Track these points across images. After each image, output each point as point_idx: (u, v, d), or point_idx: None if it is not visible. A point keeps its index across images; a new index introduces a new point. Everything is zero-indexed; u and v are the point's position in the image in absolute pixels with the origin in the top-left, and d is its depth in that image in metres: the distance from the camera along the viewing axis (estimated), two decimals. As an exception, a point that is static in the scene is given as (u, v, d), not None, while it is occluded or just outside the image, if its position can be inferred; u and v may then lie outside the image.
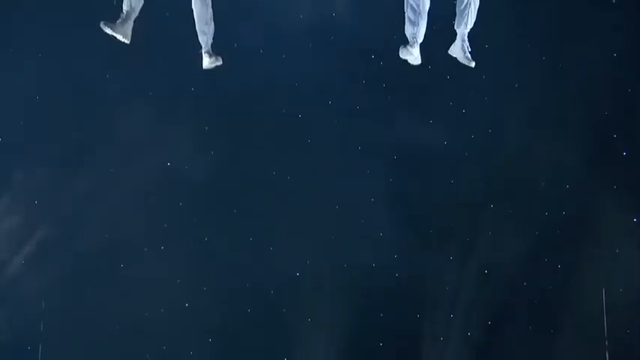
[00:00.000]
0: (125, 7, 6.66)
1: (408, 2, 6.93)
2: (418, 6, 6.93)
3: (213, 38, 7.07)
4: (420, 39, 6.88)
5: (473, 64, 6.88)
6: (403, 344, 8.24)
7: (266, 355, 8.25)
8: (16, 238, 8.29)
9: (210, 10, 6.95)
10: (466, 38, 6.93)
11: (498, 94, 7.90)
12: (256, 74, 8.24)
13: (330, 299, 8.26)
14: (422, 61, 6.91)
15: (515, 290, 8.14)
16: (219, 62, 7.00)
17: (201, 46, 7.07)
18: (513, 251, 8.13)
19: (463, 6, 6.89)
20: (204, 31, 6.95)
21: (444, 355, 8.29)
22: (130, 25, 6.74)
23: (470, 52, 6.91)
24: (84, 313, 8.05)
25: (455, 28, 6.84)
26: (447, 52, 7.00)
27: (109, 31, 6.66)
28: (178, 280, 8.10)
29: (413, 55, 6.91)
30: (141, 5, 6.75)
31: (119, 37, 6.72)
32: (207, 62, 7.03)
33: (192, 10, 6.93)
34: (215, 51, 6.95)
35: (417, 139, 8.19)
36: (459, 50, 6.91)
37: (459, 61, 6.98)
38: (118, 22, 6.69)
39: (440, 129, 8.27)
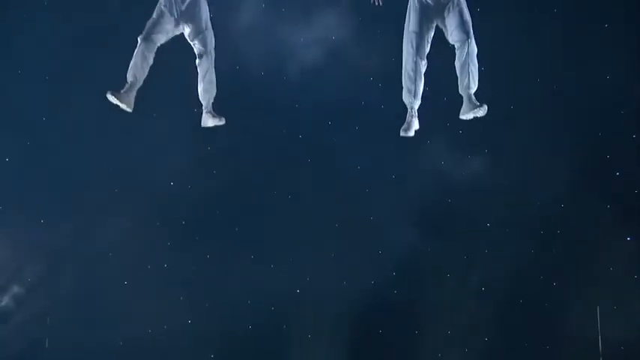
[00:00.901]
0: (130, 79, 6.99)
1: (405, 71, 7.08)
2: (414, 71, 7.05)
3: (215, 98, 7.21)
4: (418, 104, 7.08)
5: (485, 107, 6.93)
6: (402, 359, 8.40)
7: None
8: (21, 254, 8.29)
9: (213, 73, 7.21)
10: (472, 95, 6.99)
11: (495, 116, 7.64)
12: (257, 96, 8.33)
13: (330, 316, 8.32)
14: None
15: (512, 307, 8.19)
16: (222, 122, 7.21)
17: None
18: (510, 269, 8.19)
19: (461, 68, 7.03)
20: (207, 90, 7.23)
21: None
22: (133, 94, 7.03)
23: (478, 104, 6.99)
24: (89, 329, 8.11)
25: (460, 92, 6.98)
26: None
27: (113, 100, 6.94)
28: (181, 297, 8.21)
29: (413, 128, 7.12)
30: (144, 76, 7.11)
31: (123, 106, 6.98)
32: (209, 122, 7.28)
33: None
34: (216, 111, 7.20)
35: (416, 160, 8.21)
36: (469, 111, 6.98)
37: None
38: (122, 91, 6.96)
39: (436, 149, 8.28)
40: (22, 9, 8.43)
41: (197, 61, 7.31)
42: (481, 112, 6.92)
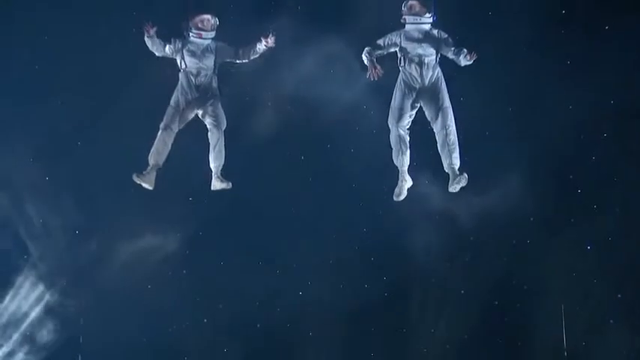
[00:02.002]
0: (151, 162, 7.53)
1: (397, 133, 7.42)
2: (399, 140, 7.40)
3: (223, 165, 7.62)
4: (407, 166, 7.47)
5: (465, 176, 7.26)
6: (391, 355, 8.62)
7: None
8: (60, 259, 8.54)
9: (223, 144, 7.64)
10: (457, 171, 7.33)
11: (468, 134, 7.84)
12: (266, 122, 8.53)
13: (329, 314, 8.56)
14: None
15: (488, 308, 8.50)
16: (229, 186, 7.64)
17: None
18: (486, 275, 8.50)
19: (441, 150, 7.47)
20: (217, 158, 7.70)
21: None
22: (154, 175, 7.55)
23: (464, 177, 7.30)
24: (117, 327, 8.33)
25: (445, 169, 7.38)
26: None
27: (137, 180, 7.47)
28: (198, 299, 8.52)
29: (404, 193, 7.52)
30: (164, 160, 7.60)
31: (145, 185, 7.52)
32: (217, 185, 7.74)
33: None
34: (224, 176, 7.60)
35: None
36: (455, 183, 7.38)
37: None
38: (145, 172, 7.51)
39: (421, 172, 8.05)
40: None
41: (208, 133, 7.69)
42: (463, 181, 7.28)
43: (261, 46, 7.65)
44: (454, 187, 7.39)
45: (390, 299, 8.61)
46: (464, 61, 7.40)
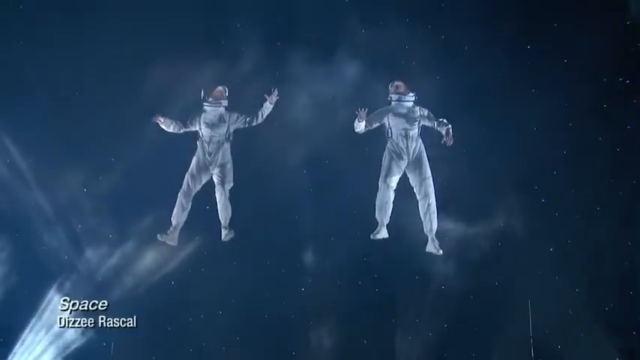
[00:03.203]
0: (174, 223, 8.06)
1: (385, 193, 8.08)
2: (385, 200, 8.05)
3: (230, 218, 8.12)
4: (387, 221, 8.14)
5: (440, 252, 8.12)
6: (382, 341, 8.89)
7: (277, 346, 8.79)
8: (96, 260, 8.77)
9: (228, 200, 8.09)
10: (434, 237, 8.11)
11: (446, 157, 8.41)
12: (268, 160, 8.80)
13: (327, 307, 8.85)
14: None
15: (464, 302, 8.77)
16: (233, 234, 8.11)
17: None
18: (463, 274, 8.78)
19: (424, 216, 8.16)
20: (224, 211, 8.14)
21: (412, 349, 8.78)
22: (177, 233, 8.05)
23: (439, 245, 8.14)
24: (146, 317, 8.71)
25: (425, 232, 8.13)
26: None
27: (161, 239, 7.95)
28: (215, 292, 8.75)
29: (383, 235, 8.20)
30: (184, 219, 8.11)
31: (170, 242, 8.02)
32: (227, 236, 8.22)
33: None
34: (231, 227, 8.08)
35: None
36: (432, 247, 8.18)
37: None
38: (169, 231, 8.05)
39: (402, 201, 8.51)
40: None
41: (216, 188, 8.16)
42: (437, 251, 8.18)
43: (267, 106, 8.11)
44: (430, 249, 8.15)
45: (380, 294, 8.88)
46: (442, 131, 8.12)
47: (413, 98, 8.26)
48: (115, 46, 8.67)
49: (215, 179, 8.12)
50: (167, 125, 8.08)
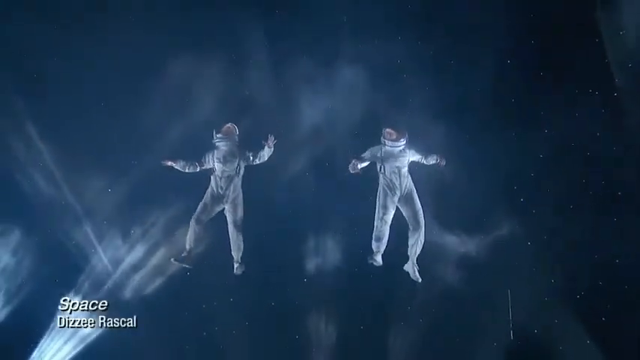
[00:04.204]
0: (187, 247, 8.23)
1: (375, 228, 8.41)
2: (381, 232, 8.31)
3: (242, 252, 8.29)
4: (383, 250, 8.49)
5: (420, 280, 8.36)
6: (378, 326, 9.29)
7: (279, 331, 9.15)
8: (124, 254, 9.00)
9: (241, 236, 8.25)
10: (415, 261, 8.39)
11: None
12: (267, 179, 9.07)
13: (328, 297, 9.27)
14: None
15: (451, 291, 9.13)
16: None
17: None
18: (447, 270, 9.19)
19: (413, 243, 8.50)
20: (236, 248, 8.38)
21: (405, 334, 9.18)
22: (192, 256, 8.14)
23: (418, 271, 8.38)
24: (161, 311, 9.15)
25: (408, 254, 8.45)
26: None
27: (177, 263, 8.06)
28: (227, 282, 9.12)
29: (378, 261, 8.45)
30: (197, 244, 8.23)
31: (185, 265, 8.14)
32: (239, 271, 8.42)
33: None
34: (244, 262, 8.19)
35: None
36: (411, 268, 8.47)
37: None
38: (183, 255, 8.23)
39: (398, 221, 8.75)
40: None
41: (229, 226, 8.35)
42: (418, 280, 8.39)
43: (266, 150, 8.21)
44: (408, 269, 8.49)
45: (377, 287, 9.26)
46: (431, 161, 8.48)
47: (404, 143, 8.52)
48: (135, 51, 9.07)
49: (227, 216, 8.32)
50: (182, 167, 8.22)
